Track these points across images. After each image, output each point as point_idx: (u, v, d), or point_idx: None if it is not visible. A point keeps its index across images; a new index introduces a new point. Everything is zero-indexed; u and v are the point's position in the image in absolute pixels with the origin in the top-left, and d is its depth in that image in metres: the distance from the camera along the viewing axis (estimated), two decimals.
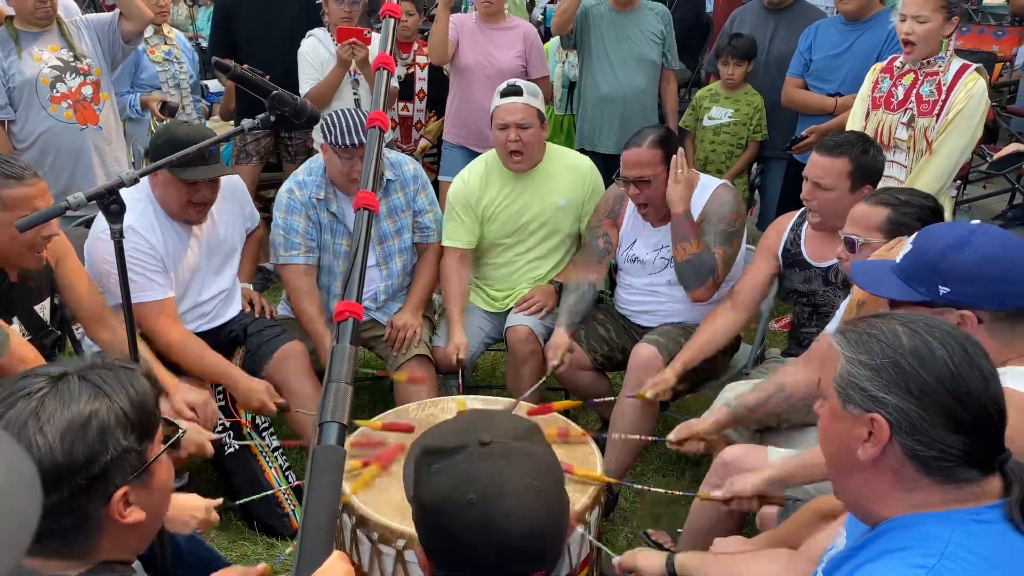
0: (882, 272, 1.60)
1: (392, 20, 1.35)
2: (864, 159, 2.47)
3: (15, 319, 2.31)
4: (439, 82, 4.33)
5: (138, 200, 2.64)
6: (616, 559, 1.86)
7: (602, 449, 2.33)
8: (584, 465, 2.10)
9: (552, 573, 1.10)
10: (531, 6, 7.13)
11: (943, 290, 1.48)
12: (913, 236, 1.60)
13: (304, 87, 3.89)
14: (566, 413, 2.46)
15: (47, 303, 2.43)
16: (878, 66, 3.11)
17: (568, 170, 3.18)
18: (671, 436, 2.38)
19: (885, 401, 1.15)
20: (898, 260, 1.59)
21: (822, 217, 2.54)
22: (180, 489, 2.84)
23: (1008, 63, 7.12)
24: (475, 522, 1.06)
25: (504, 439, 1.11)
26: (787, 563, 1.66)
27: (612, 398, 2.82)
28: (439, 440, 1.14)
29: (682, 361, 2.68)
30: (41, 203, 2.16)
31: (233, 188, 2.93)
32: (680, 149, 2.82)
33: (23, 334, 2.32)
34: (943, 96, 2.87)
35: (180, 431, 1.38)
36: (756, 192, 4.59)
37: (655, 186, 2.80)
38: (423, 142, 4.44)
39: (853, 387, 1.18)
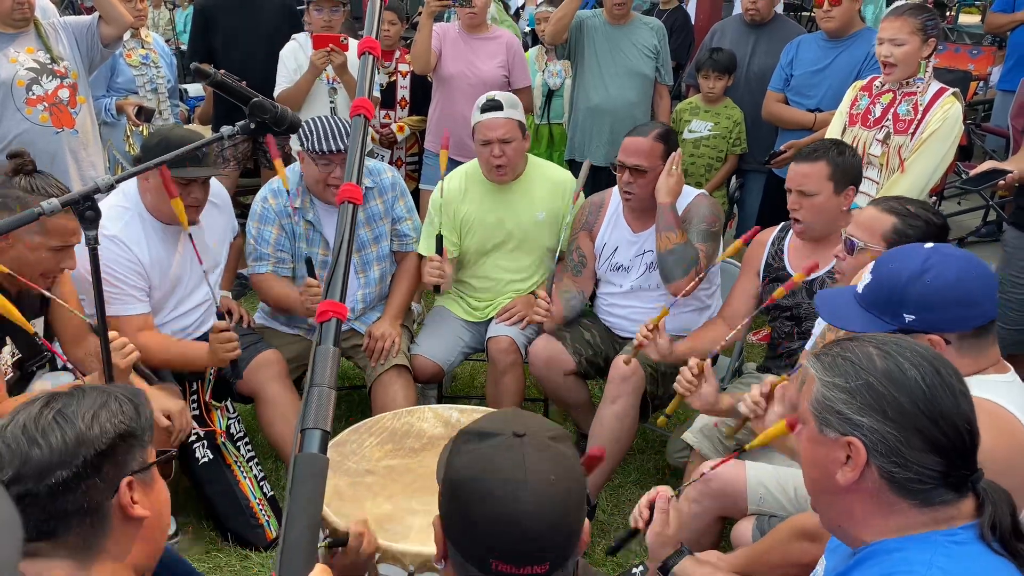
0: (845, 303, 1.62)
1: (378, 2, 1.29)
2: (841, 160, 2.51)
3: (7, 339, 2.28)
4: (422, 89, 4.32)
5: (125, 209, 2.61)
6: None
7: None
8: None
9: (555, 571, 1.11)
10: (517, 17, 7.16)
11: (908, 318, 1.50)
12: (870, 266, 1.61)
13: (277, 90, 3.90)
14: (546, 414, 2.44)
15: (40, 323, 2.40)
16: (858, 83, 3.15)
17: (548, 183, 3.18)
18: (690, 363, 2.25)
19: (861, 424, 1.16)
20: (859, 290, 1.59)
21: (810, 225, 2.55)
22: None
23: (983, 81, 7.23)
24: (490, 504, 1.09)
25: (537, 434, 1.15)
26: None
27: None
28: (477, 426, 1.18)
29: (682, 349, 2.64)
30: (75, 239, 2.21)
31: (223, 199, 2.91)
32: (679, 149, 2.85)
33: (13, 354, 2.29)
34: (919, 116, 2.91)
35: (172, 452, 1.41)
36: (735, 205, 4.62)
37: (648, 178, 2.82)
38: (405, 132, 4.39)
39: (829, 411, 1.19)
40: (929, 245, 1.57)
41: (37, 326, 2.39)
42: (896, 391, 1.15)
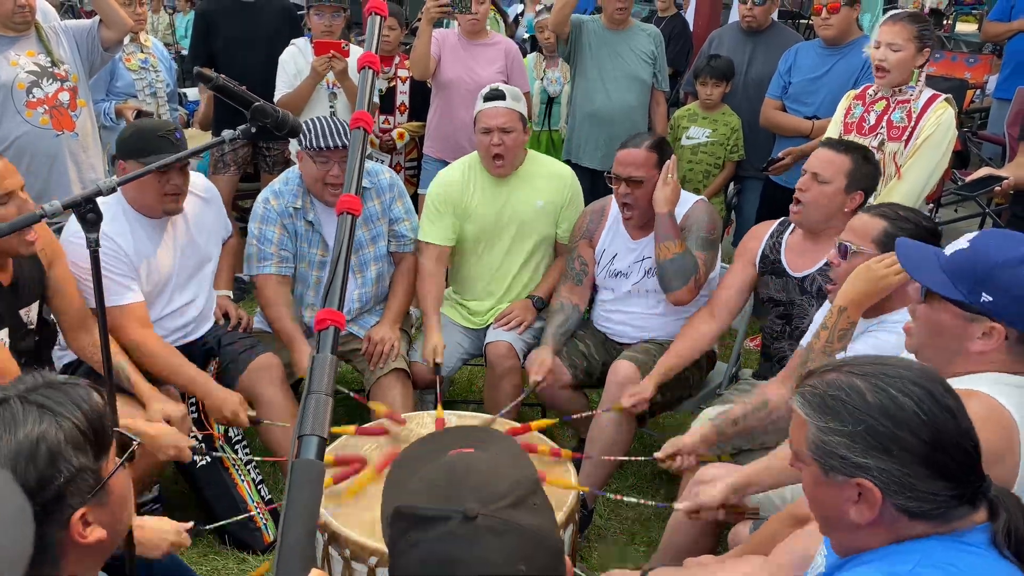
0: (927, 258, 1.57)
1: (378, 18, 1.28)
2: (865, 165, 2.54)
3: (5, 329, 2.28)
4: (421, 95, 4.34)
5: (108, 205, 2.61)
6: None
7: (577, 466, 2.33)
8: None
9: None
10: (517, 24, 7.18)
11: (985, 298, 1.46)
12: (972, 235, 1.55)
13: (278, 95, 3.91)
14: (546, 432, 2.44)
15: (35, 307, 2.39)
16: (852, 93, 3.18)
17: (549, 174, 3.21)
18: (659, 454, 2.35)
19: (868, 466, 1.14)
20: (948, 253, 1.54)
21: (807, 213, 2.57)
22: (151, 502, 2.82)
23: (980, 90, 7.26)
24: None
25: (495, 508, 0.97)
26: (761, 565, 1.67)
27: (589, 413, 2.83)
28: (419, 501, 1.00)
29: (663, 369, 2.71)
30: (10, 182, 2.16)
31: (211, 194, 2.91)
32: (673, 156, 2.86)
33: (7, 339, 2.29)
34: (913, 123, 2.94)
35: (135, 442, 1.30)
36: (732, 211, 4.64)
37: (645, 188, 2.83)
38: (405, 139, 4.40)
39: (832, 455, 1.17)
40: None
41: (32, 310, 2.38)
42: (896, 428, 1.13)
